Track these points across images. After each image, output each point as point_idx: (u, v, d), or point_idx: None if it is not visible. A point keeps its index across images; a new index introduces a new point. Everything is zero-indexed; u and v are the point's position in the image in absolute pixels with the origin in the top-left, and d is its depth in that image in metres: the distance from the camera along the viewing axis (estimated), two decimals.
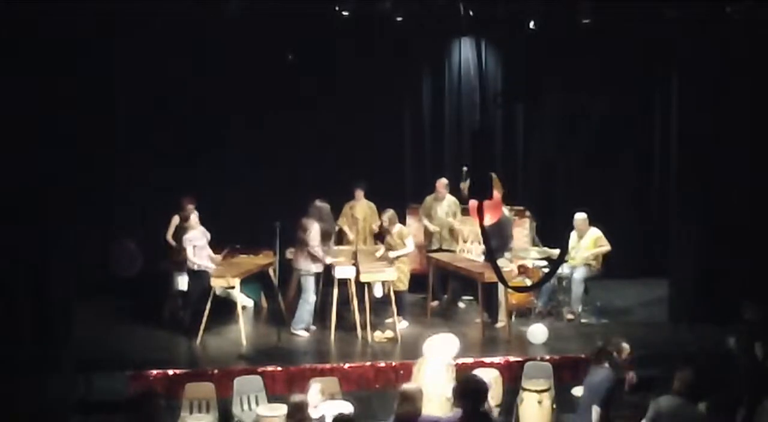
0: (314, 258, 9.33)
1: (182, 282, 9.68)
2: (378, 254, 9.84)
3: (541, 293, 10.06)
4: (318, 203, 9.46)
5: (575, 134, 11.74)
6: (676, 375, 6.10)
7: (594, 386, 6.60)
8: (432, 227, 10.51)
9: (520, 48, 11.21)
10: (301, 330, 9.45)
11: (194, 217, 9.38)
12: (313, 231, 9.27)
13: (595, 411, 6.46)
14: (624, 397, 6.78)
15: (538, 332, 9.22)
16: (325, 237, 9.55)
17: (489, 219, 9.62)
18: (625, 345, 6.84)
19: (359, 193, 10.58)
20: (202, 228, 9.41)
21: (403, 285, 9.83)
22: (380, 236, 10.39)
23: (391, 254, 9.68)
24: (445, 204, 10.52)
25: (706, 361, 7.60)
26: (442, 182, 10.56)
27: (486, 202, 4.96)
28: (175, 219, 9.92)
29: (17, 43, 8.09)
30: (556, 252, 9.86)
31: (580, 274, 10.01)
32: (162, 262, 10.01)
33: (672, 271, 10.29)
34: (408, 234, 9.89)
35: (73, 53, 8.65)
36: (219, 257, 9.57)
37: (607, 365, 6.66)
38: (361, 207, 10.61)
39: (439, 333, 7.97)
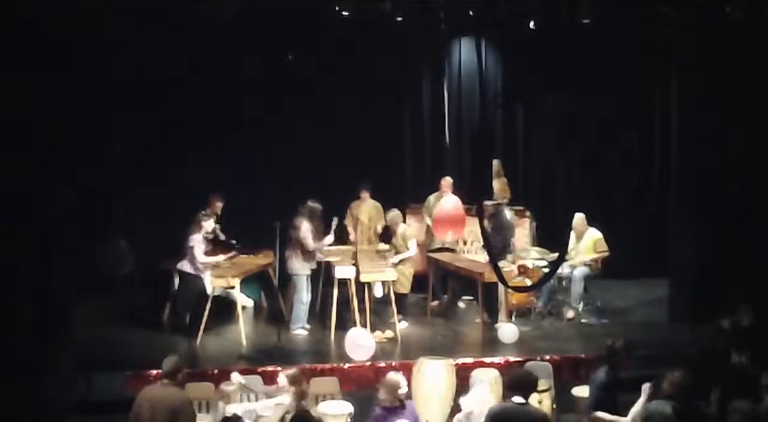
0: (305, 259, 9.37)
1: None
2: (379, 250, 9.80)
3: (541, 293, 10.06)
4: (310, 203, 9.46)
5: (575, 134, 11.73)
6: (666, 377, 6.07)
7: (592, 386, 6.61)
8: None
9: (520, 48, 11.22)
10: (299, 330, 9.48)
11: (212, 221, 9.38)
12: (303, 227, 9.30)
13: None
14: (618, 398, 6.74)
15: (508, 332, 9.21)
16: (315, 236, 9.53)
17: (451, 236, 9.81)
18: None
19: (365, 194, 10.55)
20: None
21: (404, 289, 9.84)
22: (385, 237, 10.39)
23: (394, 259, 9.66)
24: None
25: (702, 361, 7.59)
26: (447, 181, 10.53)
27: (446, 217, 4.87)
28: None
29: (16, 41, 8.08)
30: (555, 256, 9.84)
31: (579, 273, 10.03)
32: (162, 262, 10.00)
33: (672, 271, 10.28)
34: (412, 236, 9.88)
35: (72, 53, 8.65)
36: (220, 260, 9.53)
37: (606, 366, 6.64)
38: (367, 207, 10.58)
39: None
